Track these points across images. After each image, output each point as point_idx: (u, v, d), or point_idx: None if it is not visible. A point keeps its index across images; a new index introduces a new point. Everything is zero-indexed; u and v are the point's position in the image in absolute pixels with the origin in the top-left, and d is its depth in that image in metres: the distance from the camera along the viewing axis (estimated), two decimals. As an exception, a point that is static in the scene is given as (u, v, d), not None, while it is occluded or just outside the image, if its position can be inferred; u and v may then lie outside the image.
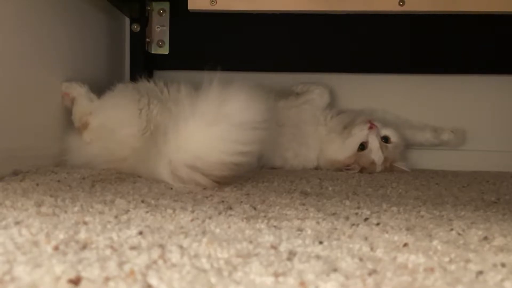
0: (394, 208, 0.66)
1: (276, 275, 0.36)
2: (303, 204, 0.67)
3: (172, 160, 0.79)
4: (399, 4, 1.27)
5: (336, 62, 1.39)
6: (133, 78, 1.28)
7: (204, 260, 0.38)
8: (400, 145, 1.22)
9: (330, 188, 0.86)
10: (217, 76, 0.78)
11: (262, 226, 0.52)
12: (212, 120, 0.76)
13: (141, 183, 0.81)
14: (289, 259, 0.40)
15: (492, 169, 1.30)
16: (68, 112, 1.05)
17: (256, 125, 0.75)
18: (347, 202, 0.71)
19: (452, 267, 0.39)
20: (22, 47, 0.91)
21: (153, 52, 1.40)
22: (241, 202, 0.68)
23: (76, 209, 0.57)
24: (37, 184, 0.74)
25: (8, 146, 0.86)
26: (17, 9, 0.89)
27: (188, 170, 0.76)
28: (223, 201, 0.68)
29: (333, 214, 0.61)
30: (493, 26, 1.32)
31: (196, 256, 0.40)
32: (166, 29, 1.40)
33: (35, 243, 0.41)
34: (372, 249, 0.44)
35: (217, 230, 0.50)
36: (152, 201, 0.65)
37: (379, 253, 0.43)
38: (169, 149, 0.79)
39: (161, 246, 0.42)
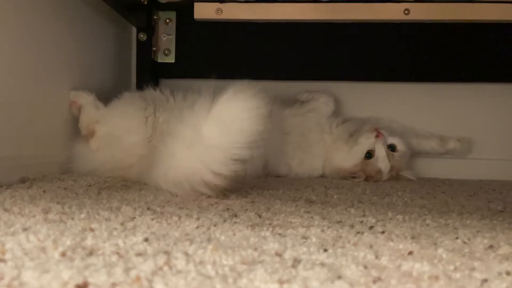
0: (400, 217, 0.66)
1: (280, 282, 0.36)
2: (308, 212, 0.67)
3: (166, 175, 0.80)
4: (404, 13, 1.28)
5: (341, 70, 1.40)
6: (140, 86, 1.29)
7: (209, 267, 0.39)
8: (406, 153, 1.22)
9: (335, 196, 0.86)
10: (206, 92, 0.78)
11: (267, 233, 0.53)
12: (191, 143, 0.76)
13: (147, 191, 0.82)
14: (293, 266, 0.40)
15: (499, 177, 1.29)
16: (75, 120, 1.06)
17: (238, 145, 0.73)
18: (352, 210, 0.71)
19: (457, 275, 0.39)
20: (29, 56, 0.92)
21: (159, 60, 1.42)
22: (246, 209, 0.68)
23: (82, 216, 0.58)
24: (44, 191, 0.75)
25: (16, 153, 0.87)
26: (25, 18, 0.90)
27: (181, 185, 0.77)
28: (228, 209, 0.68)
29: (338, 222, 0.61)
30: (499, 34, 1.32)
31: (201, 263, 0.40)
32: (173, 38, 1.42)
33: (43, 249, 0.41)
34: (377, 257, 0.44)
35: (222, 237, 0.50)
36: (158, 208, 0.65)
37: (384, 261, 0.43)
38: (163, 165, 0.81)
39: (167, 253, 0.42)
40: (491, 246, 0.49)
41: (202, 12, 1.33)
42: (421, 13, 1.28)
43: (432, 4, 1.28)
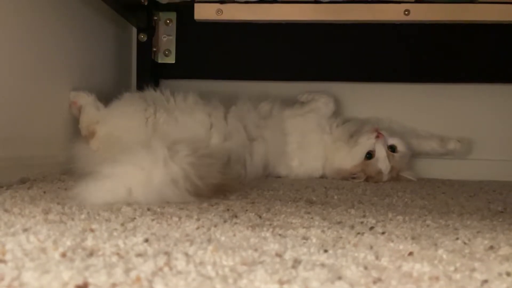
0: (400, 217, 0.66)
1: (281, 282, 0.36)
2: (309, 213, 0.67)
3: None
4: (405, 14, 1.28)
5: (341, 71, 1.40)
6: (140, 87, 1.29)
7: (209, 268, 0.39)
8: (406, 154, 1.22)
9: (335, 197, 0.86)
10: None
11: (267, 234, 0.53)
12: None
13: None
14: (294, 267, 0.40)
15: (499, 178, 1.29)
16: (75, 121, 1.06)
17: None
18: (353, 211, 0.71)
19: (457, 276, 0.39)
20: (29, 56, 0.92)
21: (159, 61, 1.41)
22: (247, 210, 0.68)
23: (83, 216, 0.58)
24: (44, 192, 0.75)
25: (16, 154, 0.87)
26: (25, 18, 0.90)
27: None
28: (228, 210, 0.68)
29: (339, 222, 0.61)
30: (499, 34, 1.32)
31: (202, 263, 0.40)
32: (173, 38, 1.42)
33: (43, 250, 0.41)
34: (377, 257, 0.44)
35: (223, 238, 0.50)
36: (158, 209, 0.65)
37: (384, 261, 0.43)
38: None
39: (167, 254, 0.42)
40: (491, 247, 0.49)
41: (202, 12, 1.34)
42: (421, 13, 1.28)
43: (432, 4, 1.28)
